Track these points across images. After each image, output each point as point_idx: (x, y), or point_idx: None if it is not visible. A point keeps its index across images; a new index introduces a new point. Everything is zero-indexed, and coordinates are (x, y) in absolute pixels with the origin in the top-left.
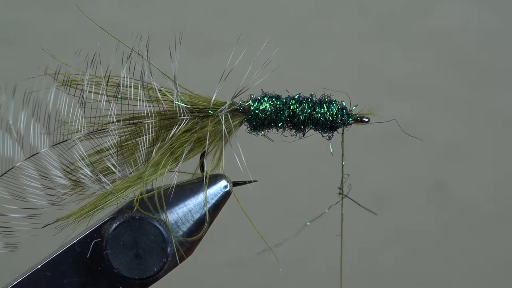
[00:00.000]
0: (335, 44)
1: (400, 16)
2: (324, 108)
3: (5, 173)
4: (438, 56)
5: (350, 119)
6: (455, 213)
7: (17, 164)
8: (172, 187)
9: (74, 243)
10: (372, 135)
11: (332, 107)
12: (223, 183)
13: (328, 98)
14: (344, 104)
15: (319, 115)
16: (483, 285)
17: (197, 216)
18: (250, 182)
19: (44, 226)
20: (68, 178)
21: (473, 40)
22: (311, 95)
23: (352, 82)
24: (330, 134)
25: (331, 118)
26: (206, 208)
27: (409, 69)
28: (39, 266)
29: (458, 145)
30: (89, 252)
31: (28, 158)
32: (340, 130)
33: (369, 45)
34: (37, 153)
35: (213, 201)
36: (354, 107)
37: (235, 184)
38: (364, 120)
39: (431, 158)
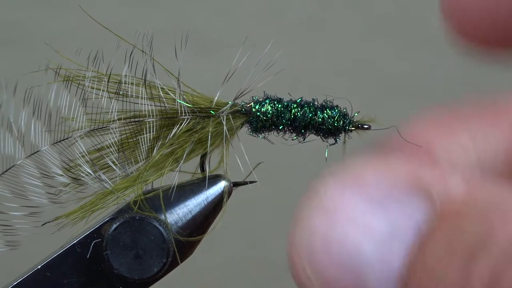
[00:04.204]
0: (335, 44)
1: (400, 16)
2: (325, 113)
3: (6, 171)
4: (438, 56)
5: (351, 126)
6: None
7: (18, 162)
8: (173, 187)
9: (74, 243)
10: (373, 136)
11: (334, 113)
12: (223, 183)
13: (331, 104)
14: (346, 111)
15: (320, 120)
16: None
17: (197, 216)
18: (251, 182)
19: (44, 224)
20: (69, 176)
21: None
22: (313, 99)
23: (352, 82)
24: (331, 140)
25: (332, 124)
26: (205, 207)
27: (409, 69)
28: (39, 266)
29: None
30: (89, 253)
31: (29, 156)
32: (341, 136)
33: (370, 45)
34: (38, 151)
35: (214, 201)
36: (356, 114)
37: (236, 184)
38: (365, 127)
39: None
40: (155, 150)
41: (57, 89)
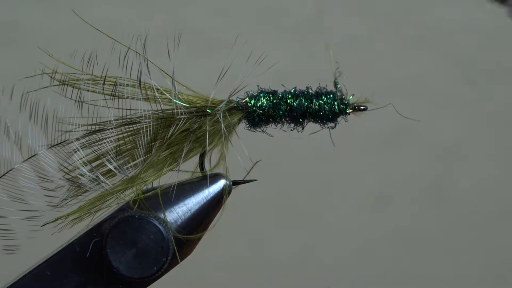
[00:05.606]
0: (335, 44)
1: (399, 16)
2: (321, 99)
3: (3, 175)
4: (438, 56)
5: (348, 108)
6: (455, 213)
7: (16, 166)
8: (173, 186)
9: (74, 242)
10: (372, 135)
11: (329, 98)
12: (222, 182)
13: (325, 90)
14: (341, 94)
15: (316, 107)
16: (484, 286)
17: (196, 215)
18: (250, 181)
19: (43, 225)
20: (67, 179)
21: (473, 40)
22: (307, 88)
23: (352, 82)
24: (330, 125)
25: (329, 109)
26: (205, 206)
27: (409, 69)
28: (39, 266)
29: (458, 145)
30: (88, 252)
31: (26, 160)
32: (340, 119)
33: (369, 45)
34: (36, 154)
35: (213, 200)
36: (351, 97)
37: (235, 183)
38: (362, 108)
39: (431, 158)
40: (153, 151)
41: (54, 91)
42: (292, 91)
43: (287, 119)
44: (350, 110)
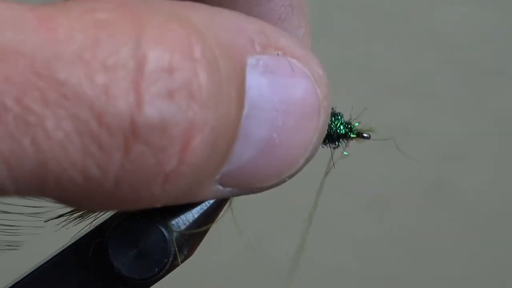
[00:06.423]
0: (335, 44)
1: (400, 16)
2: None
3: None
4: (438, 56)
5: (352, 133)
6: (456, 214)
7: None
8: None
9: (75, 243)
10: (372, 136)
11: (336, 118)
12: None
13: (332, 111)
14: (349, 120)
15: None
16: (484, 286)
17: (198, 216)
18: None
19: (46, 221)
20: None
21: (473, 40)
22: None
23: (352, 82)
24: (332, 145)
25: (334, 131)
26: (207, 207)
27: (409, 69)
28: (40, 266)
29: (458, 145)
30: (90, 252)
31: None
32: (342, 142)
33: (369, 45)
34: None
35: (214, 201)
36: (357, 124)
37: None
38: (365, 136)
39: (431, 159)
40: None
41: None
42: None
43: None
44: (354, 136)
